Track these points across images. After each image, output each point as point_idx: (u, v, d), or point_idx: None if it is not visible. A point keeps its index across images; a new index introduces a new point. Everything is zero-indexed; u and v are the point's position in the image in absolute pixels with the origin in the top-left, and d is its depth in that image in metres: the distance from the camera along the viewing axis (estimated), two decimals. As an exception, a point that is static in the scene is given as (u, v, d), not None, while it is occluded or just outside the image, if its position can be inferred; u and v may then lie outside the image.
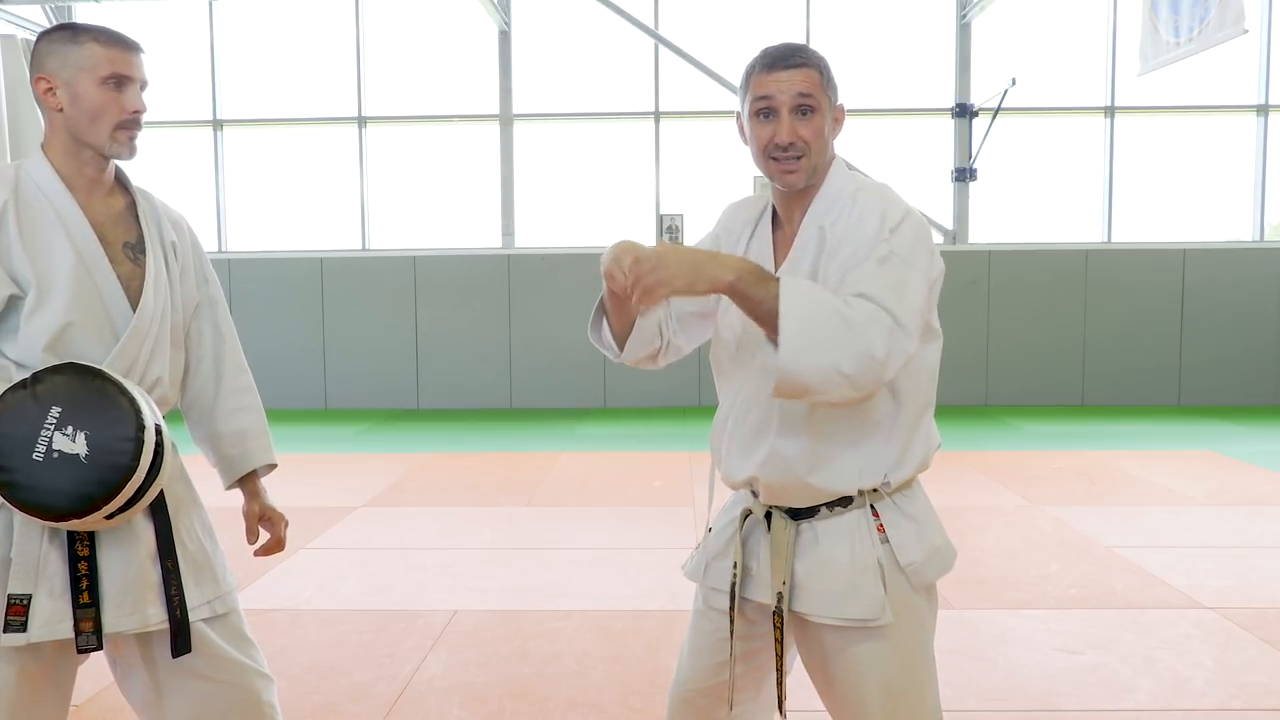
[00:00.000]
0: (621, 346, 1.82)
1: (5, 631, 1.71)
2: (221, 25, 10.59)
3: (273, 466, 2.10)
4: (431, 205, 10.72)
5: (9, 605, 1.71)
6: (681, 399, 9.98)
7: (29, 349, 1.75)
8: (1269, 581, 4.21)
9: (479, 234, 10.66)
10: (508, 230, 10.57)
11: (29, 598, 1.72)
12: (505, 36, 10.44)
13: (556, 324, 10.26)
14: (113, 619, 1.76)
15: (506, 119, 10.51)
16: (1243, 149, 10.24)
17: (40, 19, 10.07)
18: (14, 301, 1.76)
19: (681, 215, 10.38)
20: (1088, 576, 4.29)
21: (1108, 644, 3.51)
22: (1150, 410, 9.80)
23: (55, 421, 1.66)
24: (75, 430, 1.66)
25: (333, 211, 10.67)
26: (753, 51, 1.74)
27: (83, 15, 10.41)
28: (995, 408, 10.04)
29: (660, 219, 10.43)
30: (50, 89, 1.79)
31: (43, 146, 1.84)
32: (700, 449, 7.38)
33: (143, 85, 1.84)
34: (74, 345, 1.77)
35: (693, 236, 10.35)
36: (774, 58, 1.67)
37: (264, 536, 2.11)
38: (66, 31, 1.80)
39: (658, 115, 10.40)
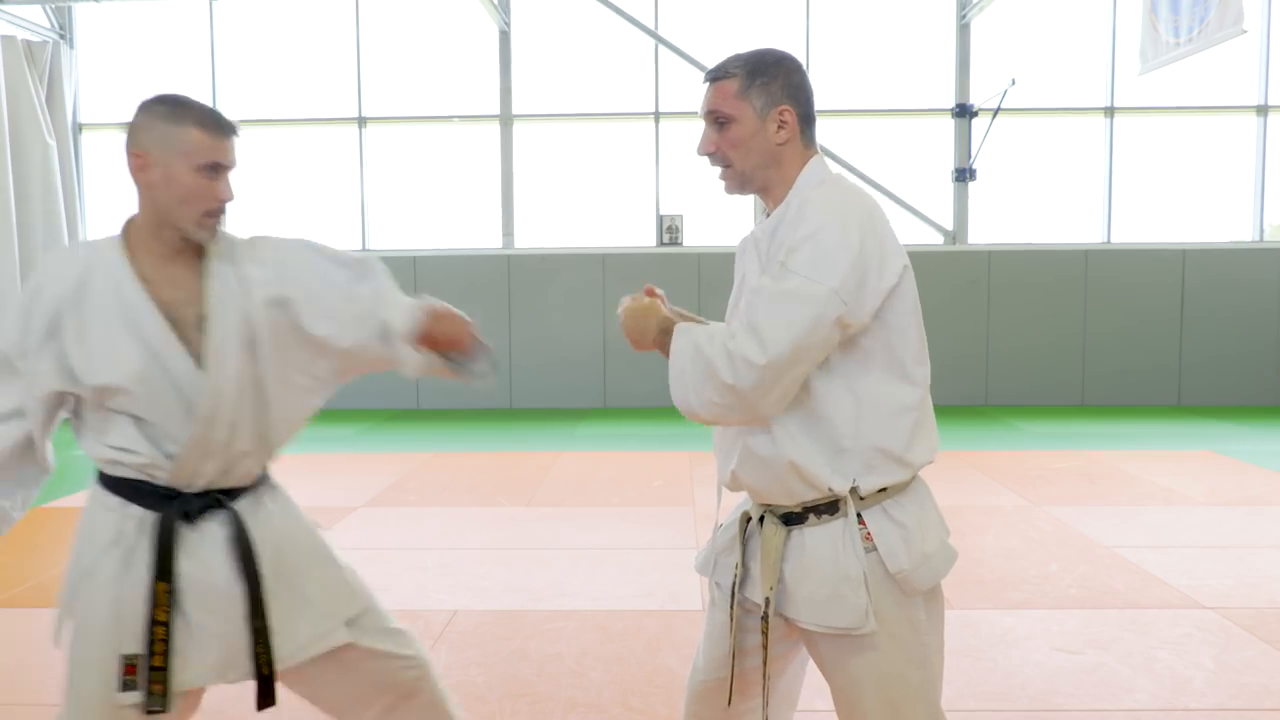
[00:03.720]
0: None
1: (122, 690, 1.74)
2: (221, 25, 10.59)
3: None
4: (431, 205, 10.72)
5: (124, 665, 1.75)
6: (681, 399, 9.95)
7: (97, 446, 1.78)
8: (1269, 581, 4.21)
9: (479, 234, 10.66)
10: (508, 230, 10.57)
11: (140, 657, 1.75)
12: (505, 36, 10.44)
13: (556, 324, 10.26)
14: (192, 677, 1.79)
15: (506, 119, 10.51)
16: (1243, 149, 10.24)
17: (40, 19, 10.07)
18: (79, 398, 1.77)
19: (681, 215, 10.38)
20: (1088, 576, 4.29)
21: (1108, 644, 3.51)
22: (1150, 410, 9.80)
23: None
24: None
25: (332, 211, 10.67)
26: None
27: (82, 15, 10.42)
28: (995, 408, 10.04)
29: (660, 219, 10.42)
30: (144, 166, 1.73)
31: (129, 222, 1.80)
32: (700, 449, 7.37)
33: (232, 168, 1.80)
34: (146, 440, 1.77)
35: (693, 237, 10.39)
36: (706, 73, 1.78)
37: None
38: (167, 107, 1.74)
39: (658, 115, 10.40)
